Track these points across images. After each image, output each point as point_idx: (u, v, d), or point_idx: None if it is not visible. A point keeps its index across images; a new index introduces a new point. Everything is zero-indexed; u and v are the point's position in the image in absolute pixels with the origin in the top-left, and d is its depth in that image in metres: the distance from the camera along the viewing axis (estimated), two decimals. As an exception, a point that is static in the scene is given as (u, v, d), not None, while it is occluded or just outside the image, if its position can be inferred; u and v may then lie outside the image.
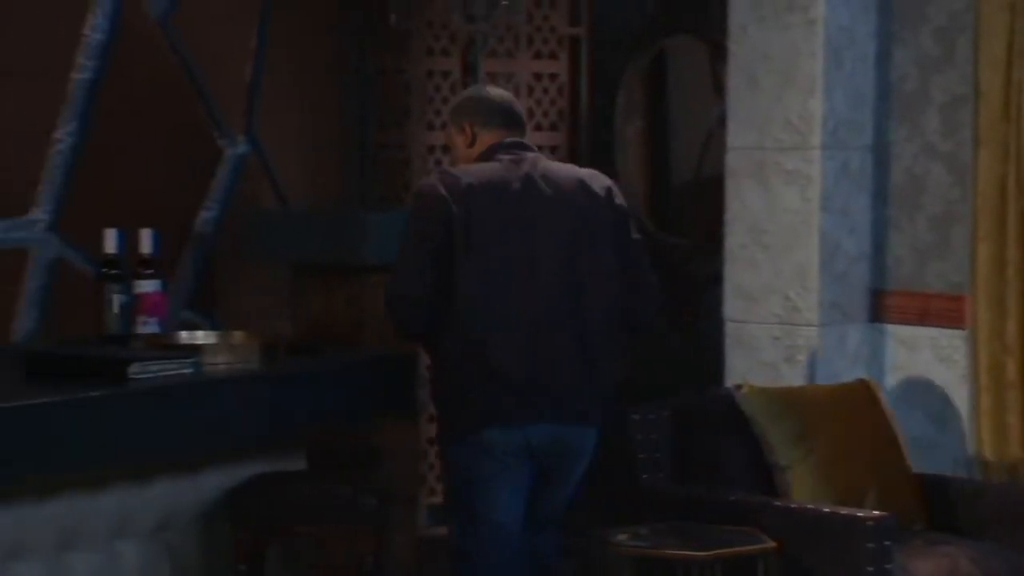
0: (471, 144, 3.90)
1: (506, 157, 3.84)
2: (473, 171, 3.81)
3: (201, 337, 4.14)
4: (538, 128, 5.80)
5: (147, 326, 4.20)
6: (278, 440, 4.01)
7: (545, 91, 5.81)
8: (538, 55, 5.76)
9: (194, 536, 3.81)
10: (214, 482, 3.83)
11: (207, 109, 5.34)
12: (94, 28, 4.95)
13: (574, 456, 3.73)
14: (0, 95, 4.73)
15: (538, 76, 5.77)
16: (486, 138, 3.89)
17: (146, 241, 4.26)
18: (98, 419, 3.48)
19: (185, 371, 3.75)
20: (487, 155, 3.86)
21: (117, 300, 4.17)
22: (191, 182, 5.34)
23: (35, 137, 4.91)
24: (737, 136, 4.90)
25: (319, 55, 5.62)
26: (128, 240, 4.24)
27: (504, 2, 5.28)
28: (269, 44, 5.48)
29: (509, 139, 3.88)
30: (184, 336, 4.16)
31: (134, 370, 3.65)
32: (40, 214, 4.94)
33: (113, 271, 4.19)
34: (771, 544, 3.84)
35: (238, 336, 4.09)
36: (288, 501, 3.79)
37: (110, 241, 4.21)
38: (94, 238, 4.42)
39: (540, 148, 5.83)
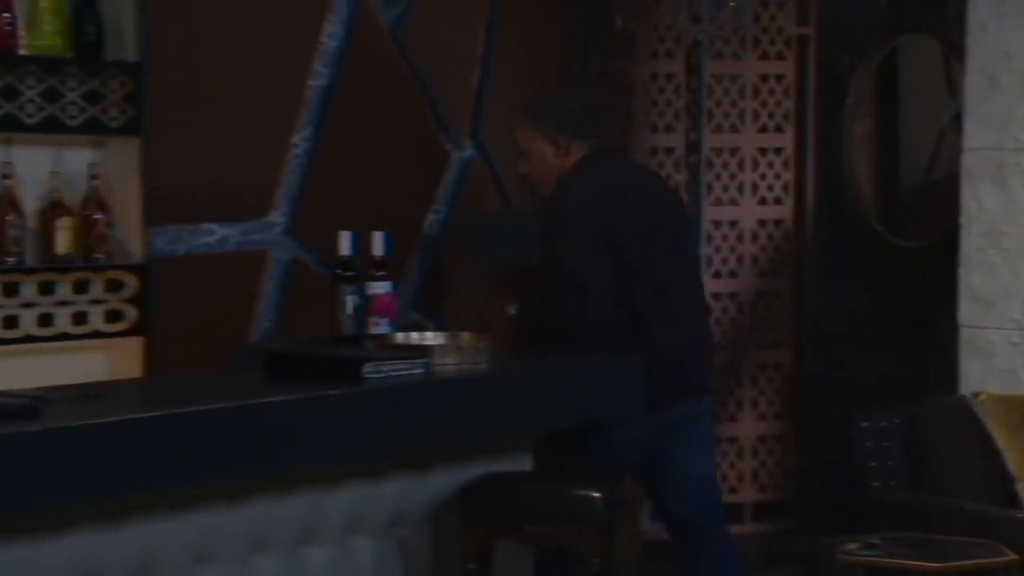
0: (566, 154, 4.07)
1: (613, 162, 4.04)
2: (601, 178, 4.00)
3: (431, 338, 4.20)
4: (763, 130, 5.74)
5: (379, 327, 4.28)
6: (505, 440, 4.05)
7: (771, 92, 5.75)
8: (764, 56, 5.70)
9: (425, 533, 3.88)
10: (444, 481, 3.89)
11: (435, 114, 5.43)
12: (330, 36, 5.08)
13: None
14: (241, 101, 4.88)
15: (764, 77, 5.71)
16: (582, 146, 4.05)
17: (378, 243, 4.35)
18: (334, 418, 3.56)
19: (416, 371, 3.81)
20: (594, 161, 4.01)
21: (350, 301, 4.26)
22: (420, 185, 5.44)
23: (273, 142, 5.05)
24: (974, 136, 4.77)
25: (545, 59, 5.66)
26: (361, 242, 4.34)
27: (732, 3, 5.24)
28: (496, 49, 5.55)
29: (607, 144, 4.04)
30: (414, 337, 4.22)
31: (368, 370, 3.72)
32: (277, 217, 5.09)
33: (347, 273, 4.28)
34: (1013, 557, 3.73)
35: (466, 337, 4.14)
36: (516, 501, 3.82)
37: (345, 243, 4.31)
38: (328, 240, 4.53)
39: (765, 150, 5.79)
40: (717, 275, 5.84)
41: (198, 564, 3.45)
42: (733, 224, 5.85)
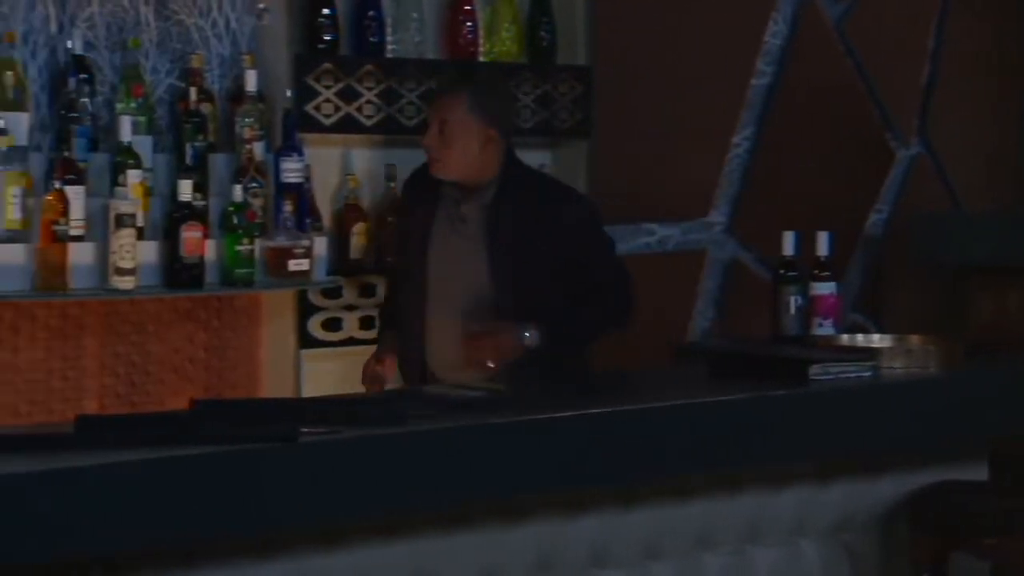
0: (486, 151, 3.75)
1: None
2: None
3: (877, 340, 4.10)
4: None
5: (822, 328, 4.23)
6: (957, 447, 3.91)
7: None
8: None
9: (873, 539, 3.80)
10: (893, 486, 3.80)
11: (879, 111, 5.31)
12: (774, 34, 5.05)
13: None
14: (683, 102, 4.93)
15: None
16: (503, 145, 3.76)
17: (822, 243, 4.29)
18: (779, 418, 3.54)
19: (864, 374, 3.74)
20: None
21: (793, 301, 4.22)
22: (862, 184, 5.34)
23: (714, 141, 5.08)
24: None
25: (996, 54, 5.46)
26: (802, 242, 4.29)
27: None
28: (946, 43, 5.38)
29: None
30: (860, 339, 4.14)
31: (814, 371, 3.68)
32: (717, 216, 5.10)
33: (790, 272, 4.25)
34: None
35: (915, 340, 4.02)
36: (975, 511, 3.69)
37: (788, 243, 4.27)
38: (766, 240, 4.51)
39: None
40: None
41: (647, 559, 3.49)
42: None
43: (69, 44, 4.03)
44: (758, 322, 4.44)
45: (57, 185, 3.84)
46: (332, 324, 4.41)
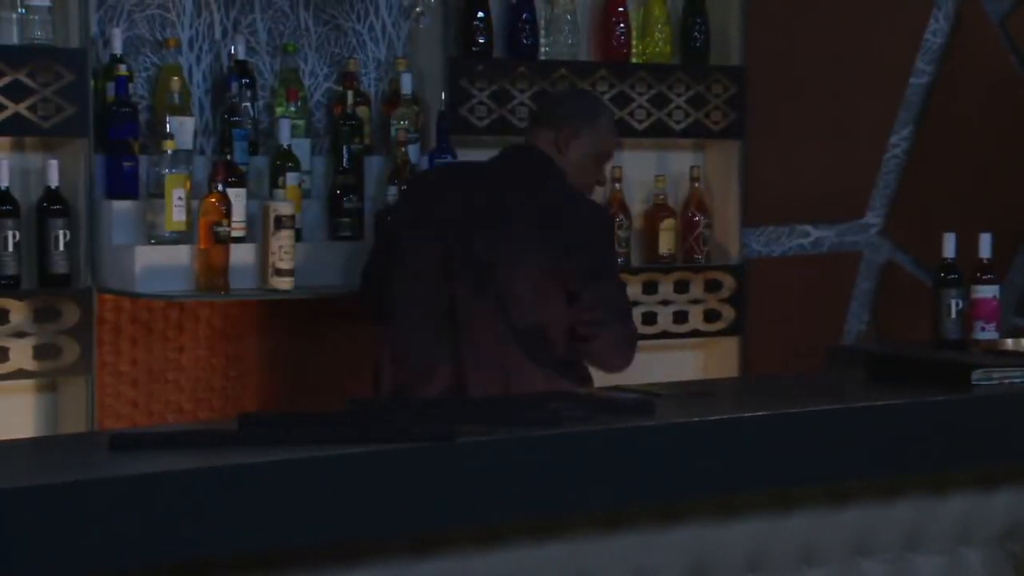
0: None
1: None
2: None
3: (1042, 345, 4.01)
4: None
5: (984, 332, 4.14)
6: None
7: None
8: None
9: (1039, 549, 3.71)
10: (1060, 495, 3.71)
11: (1043, 109, 5.20)
12: (934, 32, 4.97)
13: None
14: (839, 101, 4.86)
15: None
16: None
17: (984, 245, 4.20)
18: (940, 423, 3.48)
19: (1028, 379, 3.66)
20: None
21: (954, 305, 4.15)
22: (1023, 184, 5.22)
23: (871, 142, 5.00)
24: None
25: None
26: (961, 244, 4.21)
27: None
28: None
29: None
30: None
31: (977, 376, 3.61)
32: (872, 218, 5.03)
33: (951, 275, 4.17)
34: None
35: (1083, 345, 3.92)
36: None
37: (948, 244, 4.19)
38: (923, 242, 4.44)
39: None
40: None
41: (803, 564, 3.45)
42: None
43: (232, 49, 4.11)
44: (913, 326, 4.38)
45: (219, 187, 3.92)
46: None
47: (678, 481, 3.13)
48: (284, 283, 3.97)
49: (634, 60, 4.57)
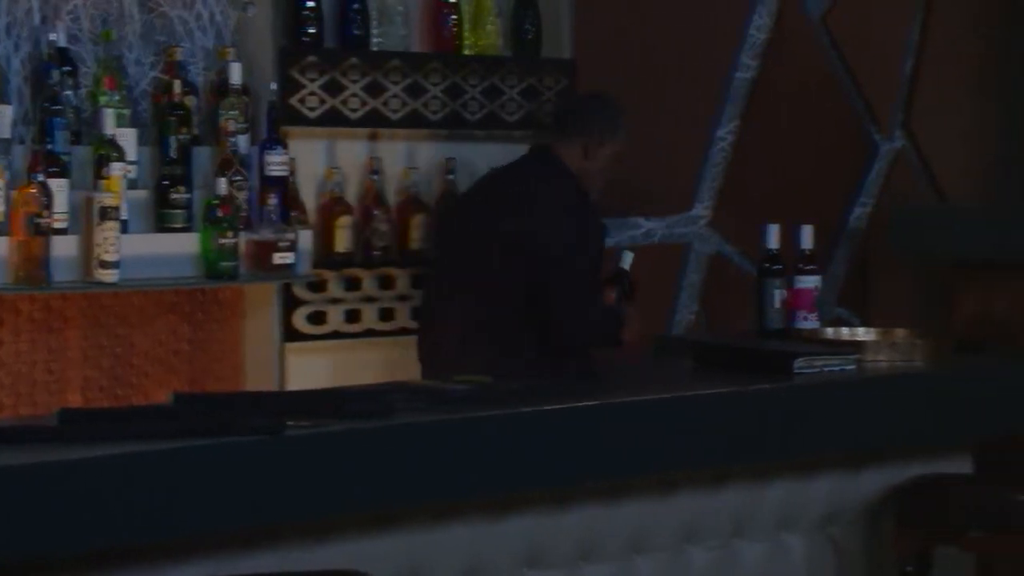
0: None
1: None
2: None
3: (861, 334, 4.11)
4: None
5: (806, 322, 4.23)
6: (942, 441, 3.92)
7: None
8: None
9: (858, 532, 3.80)
10: (879, 480, 3.80)
11: (862, 103, 5.32)
12: (758, 27, 5.06)
13: None
14: (667, 95, 4.92)
15: None
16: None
17: (805, 236, 4.29)
18: (764, 412, 3.54)
19: (848, 368, 3.74)
20: None
21: (778, 295, 4.22)
22: (845, 177, 5.34)
23: (697, 135, 5.07)
24: None
25: (982, 45, 5.47)
26: (785, 235, 4.29)
27: None
28: (928, 36, 5.39)
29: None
30: (845, 332, 4.14)
31: (799, 365, 3.68)
32: (701, 210, 5.10)
33: (775, 266, 4.24)
34: None
35: (900, 334, 4.03)
36: (959, 504, 3.70)
37: (771, 236, 4.27)
38: (749, 234, 4.51)
39: None
40: None
41: (633, 552, 3.49)
42: None
43: (52, 36, 4.01)
44: (740, 316, 4.45)
45: (39, 178, 3.82)
46: (317, 317, 4.39)
47: (509, 472, 3.14)
48: (109, 275, 3.89)
49: (466, 52, 4.57)
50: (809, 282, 4.24)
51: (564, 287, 4.06)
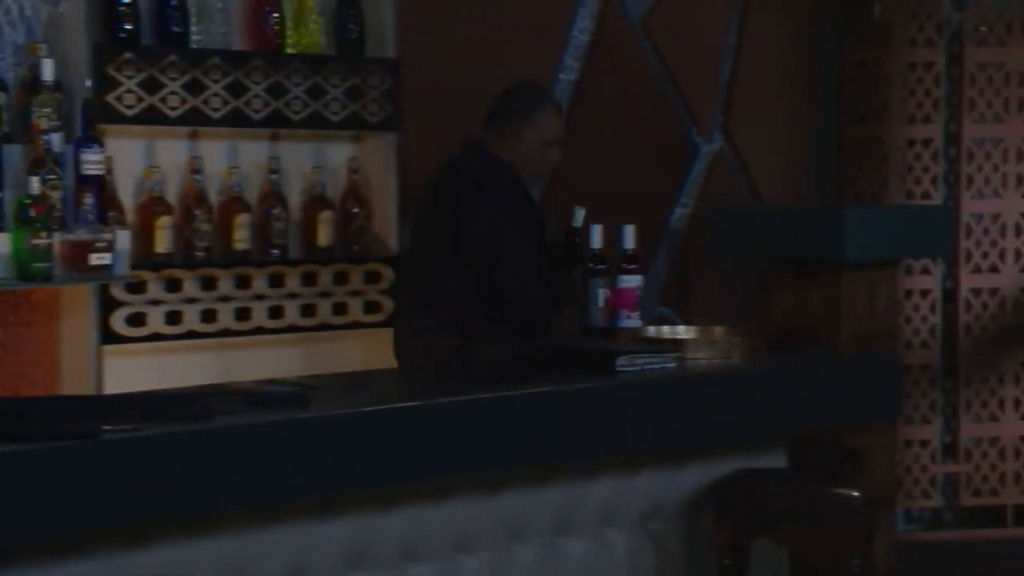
0: None
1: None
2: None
3: (682, 332, 4.17)
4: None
5: (628, 320, 4.28)
6: (759, 437, 4.00)
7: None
8: (1033, 41, 5.53)
9: (679, 528, 3.86)
10: (699, 475, 3.86)
11: (683, 105, 5.40)
12: (581, 30, 5.10)
13: None
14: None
15: (1033, 64, 5.54)
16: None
17: (628, 237, 4.34)
18: (587, 410, 3.58)
19: (668, 365, 3.80)
20: None
21: (602, 295, 4.27)
22: (666, 178, 5.41)
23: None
24: None
25: (797, 49, 5.59)
26: (608, 236, 4.33)
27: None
28: (744, 39, 5.49)
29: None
30: (666, 331, 4.20)
31: (622, 363, 3.73)
32: (525, 210, 5.10)
33: (598, 266, 4.28)
34: None
35: (719, 332, 4.10)
36: (772, 498, 3.78)
37: (594, 236, 4.31)
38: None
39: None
40: (976, 270, 5.68)
41: (458, 552, 3.49)
42: (996, 218, 5.68)
43: None
44: (565, 314, 4.47)
45: None
46: (136, 319, 4.31)
47: (332, 473, 3.12)
48: (-86, 277, 3.77)
49: (289, 51, 4.52)
50: (632, 281, 4.29)
51: (505, 264, 4.11)
